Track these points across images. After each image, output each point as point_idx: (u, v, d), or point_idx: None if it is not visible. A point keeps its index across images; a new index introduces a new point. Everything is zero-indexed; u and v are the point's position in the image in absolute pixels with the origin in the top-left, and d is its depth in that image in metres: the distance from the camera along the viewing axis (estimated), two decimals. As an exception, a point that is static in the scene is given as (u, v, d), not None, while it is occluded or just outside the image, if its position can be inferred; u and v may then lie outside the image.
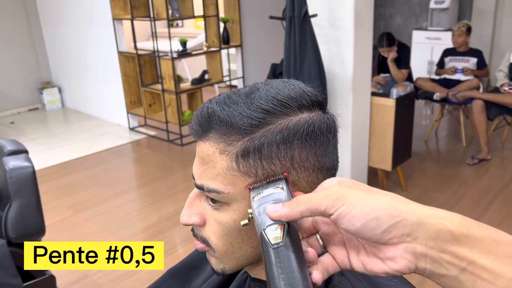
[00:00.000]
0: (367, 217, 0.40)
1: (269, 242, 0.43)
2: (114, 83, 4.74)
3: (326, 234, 0.48)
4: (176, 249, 2.65)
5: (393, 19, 6.54)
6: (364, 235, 0.41)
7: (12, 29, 5.41)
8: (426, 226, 0.39)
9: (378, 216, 0.40)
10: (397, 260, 0.41)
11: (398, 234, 0.39)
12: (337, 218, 0.41)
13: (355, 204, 0.41)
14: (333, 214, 0.41)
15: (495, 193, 3.11)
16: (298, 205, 0.43)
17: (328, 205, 0.41)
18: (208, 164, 0.54)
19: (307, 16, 2.57)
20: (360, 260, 0.44)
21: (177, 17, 4.08)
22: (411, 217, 0.39)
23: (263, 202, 0.47)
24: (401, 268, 0.41)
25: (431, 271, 0.40)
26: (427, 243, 0.39)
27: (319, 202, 0.42)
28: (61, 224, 2.93)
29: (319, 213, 0.42)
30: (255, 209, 0.47)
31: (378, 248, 0.42)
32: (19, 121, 5.29)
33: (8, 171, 1.65)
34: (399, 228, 0.39)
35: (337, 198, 0.41)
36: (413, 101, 3.22)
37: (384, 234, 0.40)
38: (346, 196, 0.41)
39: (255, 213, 0.46)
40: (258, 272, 0.62)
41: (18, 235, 1.64)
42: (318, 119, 0.53)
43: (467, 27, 3.98)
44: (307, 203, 0.43)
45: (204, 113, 0.53)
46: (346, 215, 0.41)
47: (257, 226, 0.46)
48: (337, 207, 0.41)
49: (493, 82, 5.26)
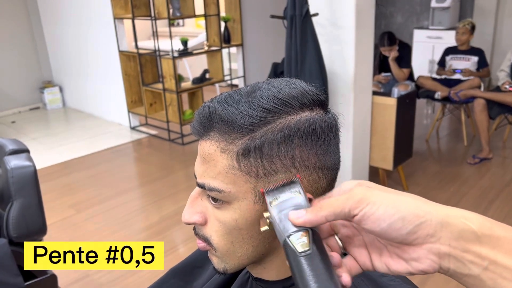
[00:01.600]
0: (393, 218, 0.40)
1: (296, 250, 0.42)
2: (115, 82, 4.75)
3: (346, 236, 0.48)
4: (177, 248, 2.65)
5: (394, 18, 6.53)
6: (389, 236, 0.41)
7: (13, 28, 5.41)
8: (450, 227, 0.39)
9: (404, 216, 0.40)
10: (421, 261, 0.41)
11: (422, 235, 0.40)
12: (361, 219, 0.41)
13: (379, 204, 0.41)
14: (357, 215, 0.41)
15: (496, 193, 3.11)
16: (322, 210, 0.43)
17: (352, 206, 0.41)
18: (209, 163, 0.54)
19: (308, 15, 2.57)
20: (383, 262, 0.45)
21: (178, 16, 4.08)
22: (435, 218, 0.40)
23: (283, 208, 0.46)
24: (425, 268, 0.41)
25: (454, 270, 0.40)
26: (451, 243, 0.39)
27: (343, 204, 0.42)
28: (62, 224, 2.93)
29: (343, 216, 0.42)
30: (276, 215, 0.46)
31: (402, 249, 0.42)
32: (20, 120, 5.29)
33: (10, 170, 1.65)
34: (423, 229, 0.40)
35: (360, 199, 0.41)
36: (414, 100, 3.22)
37: (409, 234, 0.40)
38: (369, 197, 0.41)
39: (275, 220, 0.45)
40: (260, 272, 0.62)
41: (20, 234, 1.64)
42: (319, 118, 0.53)
43: (471, 25, 3.97)
44: (331, 207, 0.43)
45: (206, 112, 0.53)
46: (370, 215, 0.41)
47: (278, 233, 0.45)
48: (361, 207, 0.41)
49: (495, 82, 5.26)
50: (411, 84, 3.92)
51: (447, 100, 4.00)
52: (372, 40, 2.85)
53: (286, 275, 0.61)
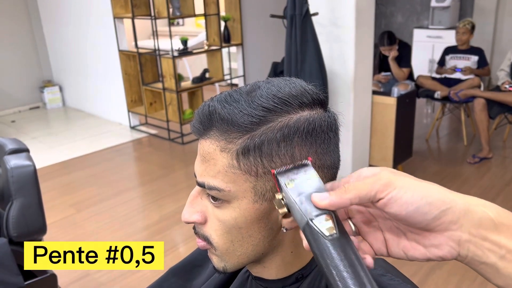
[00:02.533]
0: (421, 202, 0.41)
1: (322, 233, 0.42)
2: (115, 82, 4.74)
3: (360, 222, 0.48)
4: (178, 247, 2.65)
5: (394, 18, 6.53)
6: (414, 220, 0.41)
7: (13, 28, 5.41)
8: (471, 214, 0.41)
9: (431, 201, 0.41)
10: (441, 247, 0.42)
11: (446, 221, 0.41)
12: (387, 202, 0.41)
13: (407, 189, 0.41)
14: (384, 199, 0.41)
15: (496, 192, 3.11)
16: (347, 193, 0.43)
17: (379, 189, 0.42)
18: (209, 162, 0.54)
19: (308, 15, 2.57)
20: (400, 247, 0.45)
21: (178, 16, 4.08)
22: (459, 205, 0.41)
23: (302, 191, 0.45)
24: (444, 255, 0.42)
25: (472, 258, 0.41)
26: (471, 230, 0.41)
27: (369, 187, 0.42)
28: (62, 223, 2.93)
29: (368, 199, 0.42)
30: (295, 197, 0.45)
31: (423, 235, 0.43)
32: (20, 119, 5.29)
33: (9, 170, 1.65)
34: (448, 215, 0.41)
35: (387, 182, 0.42)
36: (414, 100, 3.22)
37: (434, 220, 0.41)
38: (396, 181, 0.42)
39: (296, 202, 0.44)
40: (260, 271, 0.62)
41: (20, 234, 1.64)
42: (319, 117, 0.53)
43: (471, 25, 3.97)
44: (356, 190, 0.42)
45: (205, 111, 0.53)
46: (398, 199, 0.41)
47: (299, 216, 0.44)
48: (388, 191, 0.41)
49: (495, 81, 5.25)
50: (411, 83, 3.92)
51: (447, 100, 4.00)
52: (372, 40, 2.85)
53: (285, 274, 0.61)
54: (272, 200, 0.51)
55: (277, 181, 0.48)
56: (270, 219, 0.55)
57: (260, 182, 0.52)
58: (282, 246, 0.58)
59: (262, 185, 0.53)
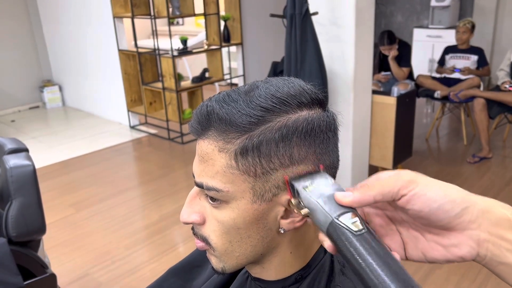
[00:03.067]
0: (444, 199, 0.41)
1: (350, 229, 0.42)
2: (115, 81, 4.74)
3: (379, 226, 0.48)
4: (177, 247, 2.65)
5: (394, 17, 6.53)
6: (437, 218, 0.42)
7: (12, 27, 5.41)
8: (489, 214, 0.42)
9: (453, 199, 0.42)
10: (461, 247, 0.43)
11: (466, 220, 0.42)
12: (410, 199, 0.42)
13: (429, 186, 0.42)
14: (406, 195, 0.42)
15: (496, 192, 3.11)
16: (370, 190, 0.43)
17: (403, 186, 0.42)
18: (207, 162, 0.54)
19: (308, 14, 2.57)
20: (419, 249, 0.46)
21: (178, 15, 4.08)
22: (478, 205, 0.42)
23: (322, 192, 0.46)
24: (464, 255, 0.43)
25: (491, 258, 0.42)
26: (490, 230, 0.41)
27: (392, 184, 0.42)
28: (62, 223, 2.93)
29: (390, 196, 0.43)
30: (317, 198, 0.46)
31: (442, 235, 0.44)
32: (19, 119, 5.29)
33: (9, 169, 1.64)
34: (468, 214, 0.42)
35: (410, 180, 0.42)
36: (414, 99, 3.22)
37: (456, 217, 0.42)
38: (418, 178, 0.43)
39: (319, 203, 0.45)
40: (259, 272, 0.62)
41: (19, 233, 1.64)
42: (318, 116, 0.53)
43: (471, 24, 3.97)
44: (380, 187, 0.43)
45: (204, 111, 0.53)
46: (422, 195, 0.42)
47: (323, 216, 0.44)
48: (412, 187, 0.42)
49: (494, 81, 5.25)
50: (410, 83, 3.92)
51: (447, 99, 4.00)
52: (372, 39, 2.85)
53: (285, 275, 0.61)
54: (288, 206, 0.52)
55: (292, 187, 0.49)
56: (268, 220, 0.55)
57: (258, 183, 0.52)
58: (281, 247, 0.58)
59: (261, 186, 0.52)
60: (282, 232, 0.55)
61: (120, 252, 2.58)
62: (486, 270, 2.22)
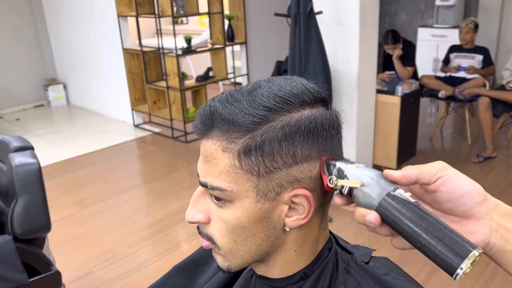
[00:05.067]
0: (471, 187, 0.47)
1: (409, 200, 0.48)
2: (119, 80, 4.76)
3: None
4: (181, 245, 2.65)
5: (399, 16, 6.51)
6: (463, 202, 0.48)
7: (17, 26, 5.43)
8: (499, 208, 0.48)
9: (478, 188, 0.48)
10: (476, 234, 0.48)
11: (483, 210, 0.48)
12: (445, 181, 0.48)
13: (460, 175, 0.48)
14: (443, 177, 0.48)
15: (500, 191, 3.10)
16: (414, 169, 0.49)
17: (440, 169, 0.48)
18: (211, 162, 0.54)
19: (312, 13, 2.57)
20: None
21: (182, 14, 4.08)
22: (492, 199, 0.49)
23: (367, 173, 0.50)
24: (477, 241, 0.47)
25: (498, 247, 0.47)
26: (499, 221, 0.47)
27: (431, 167, 0.49)
28: (66, 220, 2.95)
29: (428, 178, 0.48)
30: (368, 174, 0.50)
31: (460, 223, 0.49)
32: (24, 117, 5.31)
33: (14, 167, 1.66)
34: (485, 205, 0.48)
35: (445, 165, 0.49)
36: (418, 99, 3.21)
37: (477, 205, 0.47)
38: (450, 167, 0.49)
39: (374, 178, 0.50)
40: (263, 270, 0.62)
41: (24, 231, 1.65)
42: (320, 115, 0.53)
43: (474, 24, 3.95)
44: (421, 168, 0.49)
45: (207, 111, 0.54)
46: (455, 180, 0.48)
47: (378, 190, 0.49)
48: (447, 172, 0.48)
49: (499, 80, 5.23)
50: (415, 82, 3.91)
51: (451, 99, 3.98)
52: (376, 38, 2.84)
53: (289, 273, 0.61)
54: (327, 182, 0.53)
55: (329, 166, 0.53)
56: (272, 218, 0.55)
57: (262, 182, 0.53)
58: (286, 245, 0.58)
59: (264, 185, 0.53)
60: (287, 230, 0.56)
61: (124, 250, 2.59)
62: (490, 270, 2.22)
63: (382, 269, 0.66)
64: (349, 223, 2.75)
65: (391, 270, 0.66)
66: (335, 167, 0.52)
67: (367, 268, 0.65)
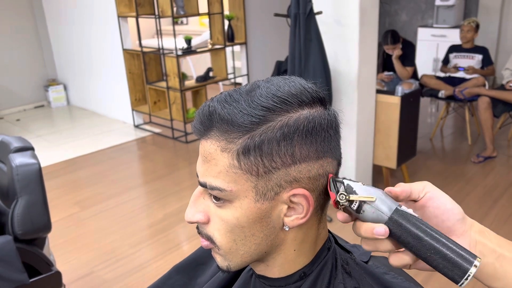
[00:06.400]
0: (453, 205, 0.53)
1: (415, 216, 0.52)
2: (119, 81, 4.76)
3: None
4: (181, 245, 2.66)
5: (399, 16, 6.51)
6: (448, 217, 0.52)
7: (17, 26, 5.43)
8: (474, 226, 0.53)
9: (458, 207, 0.53)
10: None
11: (462, 227, 0.52)
12: (432, 196, 0.53)
13: (442, 193, 0.53)
14: (430, 192, 0.53)
15: (500, 191, 3.10)
16: (407, 185, 0.53)
17: (425, 186, 0.53)
18: (210, 162, 0.54)
19: (312, 14, 2.57)
20: None
21: (182, 15, 4.08)
22: (468, 219, 0.53)
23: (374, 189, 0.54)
24: None
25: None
26: (476, 238, 0.52)
27: (420, 184, 0.54)
28: (67, 221, 2.95)
29: (418, 192, 0.53)
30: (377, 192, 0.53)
31: None
32: (25, 118, 5.32)
33: (15, 168, 1.66)
34: (464, 223, 0.52)
35: (429, 184, 0.54)
36: (418, 99, 3.20)
37: (458, 222, 0.52)
38: (433, 186, 0.54)
39: (381, 196, 0.53)
40: (263, 269, 0.62)
41: (25, 231, 1.65)
42: (319, 115, 0.53)
43: (476, 23, 3.96)
44: (412, 185, 0.54)
45: (206, 111, 0.54)
46: (440, 197, 0.53)
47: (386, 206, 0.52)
48: (433, 189, 0.53)
49: (499, 80, 5.23)
50: (415, 82, 3.91)
51: (451, 99, 3.98)
52: (376, 39, 2.84)
53: (288, 272, 0.61)
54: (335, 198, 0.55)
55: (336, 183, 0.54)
56: (272, 218, 0.55)
57: (261, 182, 0.53)
58: (285, 245, 0.59)
59: (263, 185, 0.53)
60: (286, 229, 0.56)
61: (124, 250, 2.60)
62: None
63: (381, 268, 0.66)
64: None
65: (391, 269, 0.66)
66: (342, 184, 0.54)
67: (367, 267, 0.66)
